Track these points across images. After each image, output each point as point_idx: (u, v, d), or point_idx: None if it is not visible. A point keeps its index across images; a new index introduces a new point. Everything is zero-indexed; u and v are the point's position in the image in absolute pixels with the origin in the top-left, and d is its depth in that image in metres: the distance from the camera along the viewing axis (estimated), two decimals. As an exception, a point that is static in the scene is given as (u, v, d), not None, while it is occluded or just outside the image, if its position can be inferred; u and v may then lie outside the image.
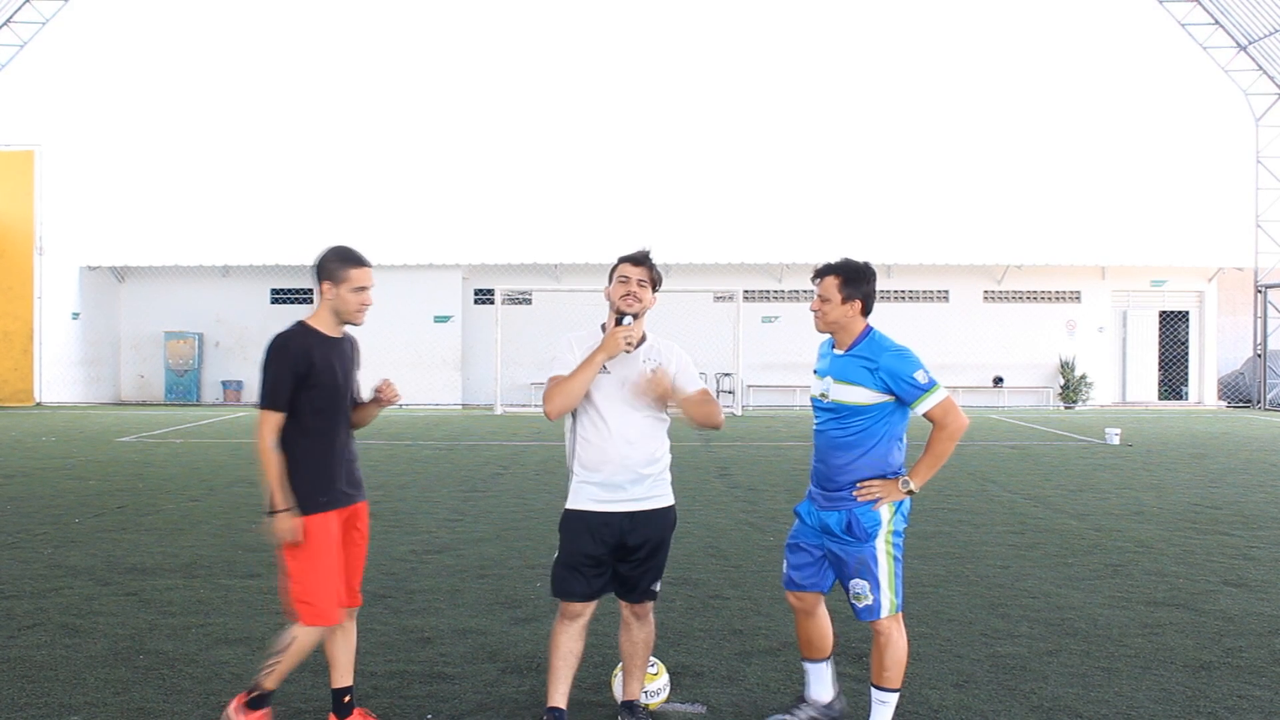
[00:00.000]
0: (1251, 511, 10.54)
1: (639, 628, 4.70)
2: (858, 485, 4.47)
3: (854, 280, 4.54)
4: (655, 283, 4.61)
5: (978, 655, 5.76)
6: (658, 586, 4.70)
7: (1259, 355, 27.63)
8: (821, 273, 4.59)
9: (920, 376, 4.43)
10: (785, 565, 4.74)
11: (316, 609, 4.43)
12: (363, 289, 4.52)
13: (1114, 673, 5.48)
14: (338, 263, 4.51)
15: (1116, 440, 17.33)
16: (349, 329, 4.64)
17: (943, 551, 8.47)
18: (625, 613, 4.70)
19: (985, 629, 6.26)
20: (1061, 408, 27.00)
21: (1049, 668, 5.55)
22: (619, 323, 4.51)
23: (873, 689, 4.59)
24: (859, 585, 4.48)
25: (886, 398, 4.46)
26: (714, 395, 4.80)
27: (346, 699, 4.65)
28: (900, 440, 4.58)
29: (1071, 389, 27.09)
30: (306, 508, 4.40)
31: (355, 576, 4.67)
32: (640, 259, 4.59)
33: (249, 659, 5.64)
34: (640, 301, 4.54)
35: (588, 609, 4.62)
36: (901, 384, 4.43)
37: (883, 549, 4.49)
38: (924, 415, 4.50)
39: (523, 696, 5.13)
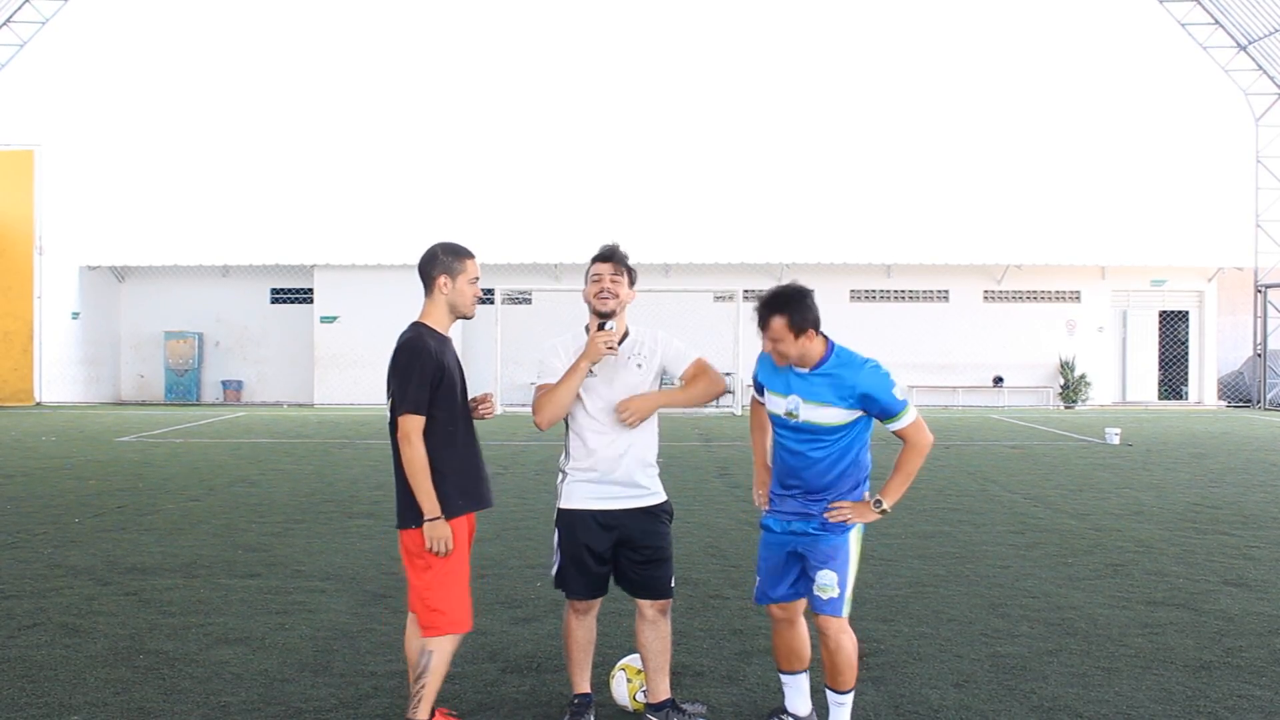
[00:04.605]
0: (1251, 511, 10.54)
1: (663, 623, 4.71)
2: (828, 507, 4.45)
3: (799, 313, 4.33)
4: (630, 278, 4.61)
5: (978, 655, 5.75)
6: (673, 582, 4.73)
7: (1259, 355, 27.62)
8: (765, 316, 4.37)
9: (897, 394, 4.38)
10: (761, 582, 4.69)
11: (451, 617, 4.36)
12: (476, 280, 4.50)
13: (1114, 673, 5.48)
14: (452, 256, 4.48)
15: (1116, 440, 17.33)
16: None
17: (943, 551, 8.46)
18: (650, 611, 4.68)
19: (985, 629, 6.26)
20: (1061, 407, 26.99)
21: (1049, 668, 5.55)
22: (601, 327, 4.53)
23: (829, 691, 4.56)
24: (827, 576, 4.41)
25: (858, 414, 4.42)
26: (708, 363, 4.69)
27: None
28: (868, 446, 4.58)
29: (1071, 389, 27.09)
30: (449, 512, 4.33)
31: None
32: (608, 255, 4.60)
33: (249, 659, 5.64)
34: (615, 297, 4.55)
35: (595, 603, 4.72)
36: (879, 404, 4.36)
37: (855, 544, 4.49)
38: (895, 433, 4.46)
39: (523, 696, 5.13)
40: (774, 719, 4.77)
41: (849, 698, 4.54)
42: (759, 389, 4.70)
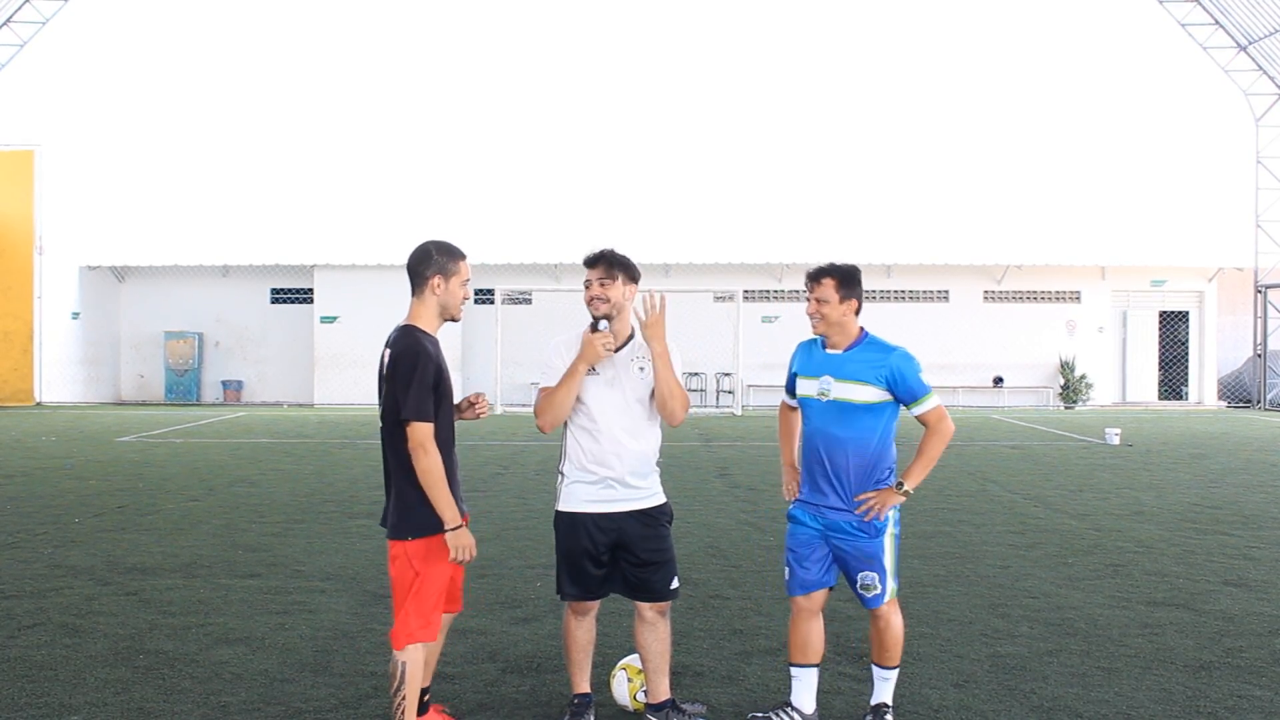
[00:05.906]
0: (1251, 511, 10.54)
1: (661, 625, 4.69)
2: (856, 504, 4.59)
3: (849, 282, 4.68)
4: (626, 276, 4.57)
5: (978, 655, 5.76)
6: (674, 585, 4.71)
7: (1259, 355, 27.62)
8: (818, 275, 4.71)
9: (924, 379, 4.62)
10: (790, 573, 4.76)
11: (430, 626, 4.31)
12: (467, 282, 4.45)
13: (1114, 673, 5.48)
14: (446, 256, 4.37)
15: (1116, 440, 17.32)
16: None
17: (943, 551, 8.47)
18: (648, 613, 4.67)
19: (985, 629, 6.26)
20: (1061, 408, 26.99)
21: (1049, 668, 5.55)
22: (595, 328, 4.52)
23: (875, 667, 4.78)
24: (869, 577, 4.63)
25: (887, 397, 4.61)
26: (686, 397, 4.67)
27: (425, 697, 4.59)
28: (893, 441, 4.72)
29: (1071, 389, 27.08)
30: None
31: (460, 580, 4.60)
32: (593, 260, 4.60)
33: (249, 659, 5.64)
34: (607, 301, 4.55)
35: (594, 604, 4.72)
36: (906, 385, 4.58)
37: (890, 540, 4.67)
38: (918, 418, 4.66)
39: (523, 696, 5.13)
40: (778, 713, 4.78)
41: (894, 673, 4.76)
42: (790, 388, 4.86)
